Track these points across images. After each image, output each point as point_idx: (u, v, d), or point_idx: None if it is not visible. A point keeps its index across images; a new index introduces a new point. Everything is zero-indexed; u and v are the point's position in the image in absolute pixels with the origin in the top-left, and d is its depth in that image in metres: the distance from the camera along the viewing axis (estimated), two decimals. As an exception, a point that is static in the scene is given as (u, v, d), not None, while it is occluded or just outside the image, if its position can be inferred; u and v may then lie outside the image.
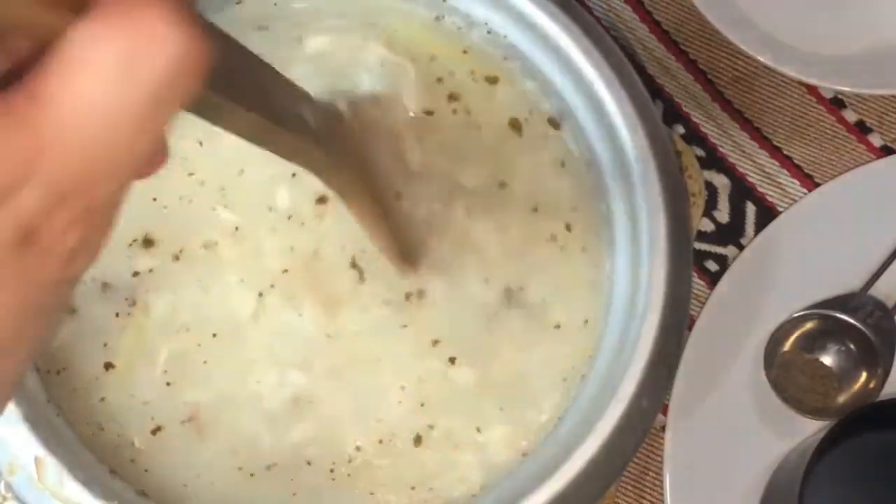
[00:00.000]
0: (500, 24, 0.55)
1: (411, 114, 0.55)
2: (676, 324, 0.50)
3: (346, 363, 0.53)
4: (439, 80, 0.55)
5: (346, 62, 0.56)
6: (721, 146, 0.69)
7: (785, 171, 0.69)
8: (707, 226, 0.68)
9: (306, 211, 0.54)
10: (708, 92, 0.70)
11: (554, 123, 0.55)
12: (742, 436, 0.63)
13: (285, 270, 0.53)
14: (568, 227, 0.54)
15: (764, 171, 0.69)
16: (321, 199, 0.54)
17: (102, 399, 0.53)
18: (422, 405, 0.52)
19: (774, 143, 0.69)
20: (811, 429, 0.62)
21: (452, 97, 0.55)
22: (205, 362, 0.53)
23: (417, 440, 0.52)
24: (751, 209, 0.68)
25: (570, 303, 0.53)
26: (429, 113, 0.55)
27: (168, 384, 0.53)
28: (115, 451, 0.52)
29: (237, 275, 0.53)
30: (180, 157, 0.54)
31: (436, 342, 0.53)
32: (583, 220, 0.54)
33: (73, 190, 0.23)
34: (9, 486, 0.48)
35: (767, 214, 0.68)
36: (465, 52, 0.56)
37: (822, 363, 0.64)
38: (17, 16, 0.22)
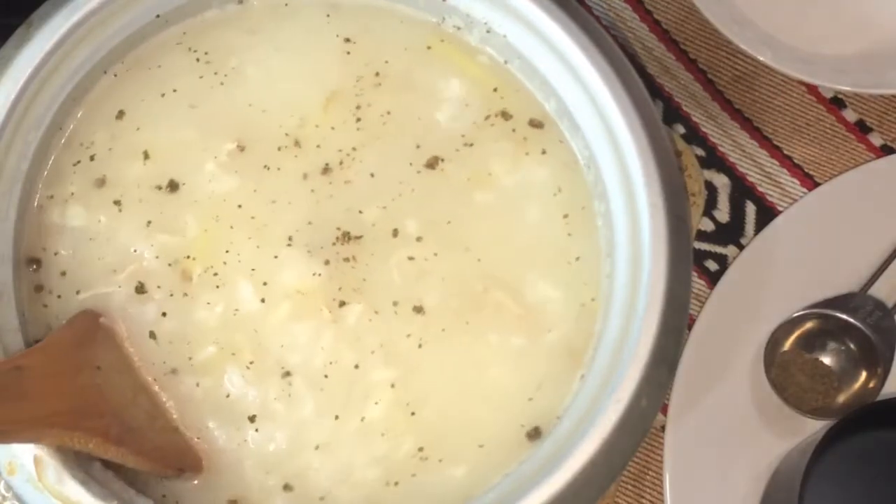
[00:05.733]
0: (500, 24, 0.55)
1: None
2: (676, 324, 0.50)
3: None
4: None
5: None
6: (721, 146, 0.69)
7: (785, 171, 0.69)
8: (707, 225, 0.68)
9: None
10: (708, 91, 0.70)
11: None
12: (742, 436, 0.63)
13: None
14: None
15: (764, 171, 0.69)
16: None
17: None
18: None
19: (774, 142, 0.69)
20: (811, 429, 0.62)
21: None
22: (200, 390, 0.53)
23: None
24: (751, 209, 0.68)
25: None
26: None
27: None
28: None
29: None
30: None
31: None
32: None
33: None
34: (9, 486, 0.48)
35: (767, 214, 0.68)
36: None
37: (821, 363, 0.64)
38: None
